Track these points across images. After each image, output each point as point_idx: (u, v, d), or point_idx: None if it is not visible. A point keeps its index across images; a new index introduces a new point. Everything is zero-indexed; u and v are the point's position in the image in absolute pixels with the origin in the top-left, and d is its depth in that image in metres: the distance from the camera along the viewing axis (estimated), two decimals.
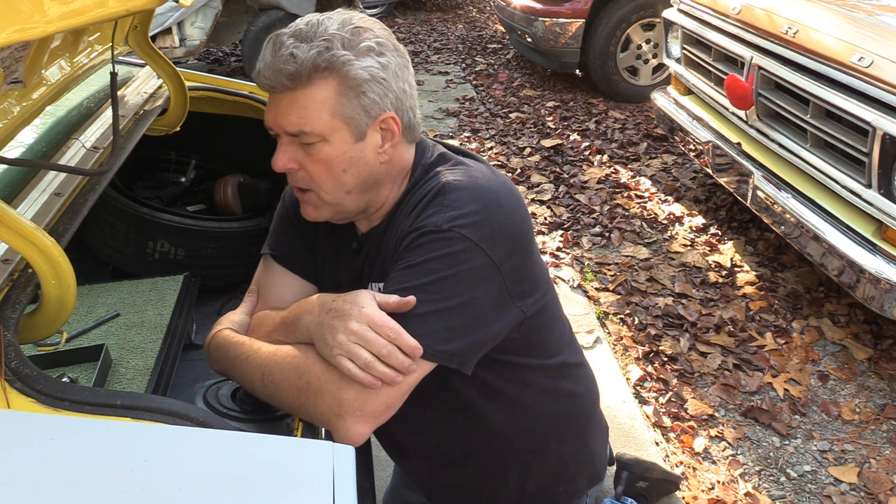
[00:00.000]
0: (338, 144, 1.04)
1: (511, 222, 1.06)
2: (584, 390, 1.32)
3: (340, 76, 1.02)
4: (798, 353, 2.58)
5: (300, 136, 1.04)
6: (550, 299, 1.20)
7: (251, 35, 5.39)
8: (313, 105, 1.02)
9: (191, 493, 0.75)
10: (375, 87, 1.04)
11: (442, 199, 1.04)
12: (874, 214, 2.25)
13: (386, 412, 0.99)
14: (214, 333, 1.16)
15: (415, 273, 1.00)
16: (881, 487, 2.04)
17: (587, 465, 1.33)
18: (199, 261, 1.94)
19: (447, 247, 1.00)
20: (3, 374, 0.89)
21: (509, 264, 1.05)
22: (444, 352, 1.00)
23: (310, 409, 0.99)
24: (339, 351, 0.94)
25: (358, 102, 1.03)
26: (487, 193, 1.05)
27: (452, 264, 1.00)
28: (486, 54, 7.03)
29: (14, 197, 1.29)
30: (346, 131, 1.04)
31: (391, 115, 1.07)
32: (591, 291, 3.03)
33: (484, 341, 1.06)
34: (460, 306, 1.00)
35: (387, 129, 1.08)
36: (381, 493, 1.62)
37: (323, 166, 1.05)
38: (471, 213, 1.02)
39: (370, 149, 1.07)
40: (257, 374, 1.05)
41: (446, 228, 1.00)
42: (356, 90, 1.03)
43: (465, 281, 1.01)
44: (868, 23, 2.46)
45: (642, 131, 4.71)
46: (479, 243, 1.01)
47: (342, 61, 1.01)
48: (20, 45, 1.15)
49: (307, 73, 1.00)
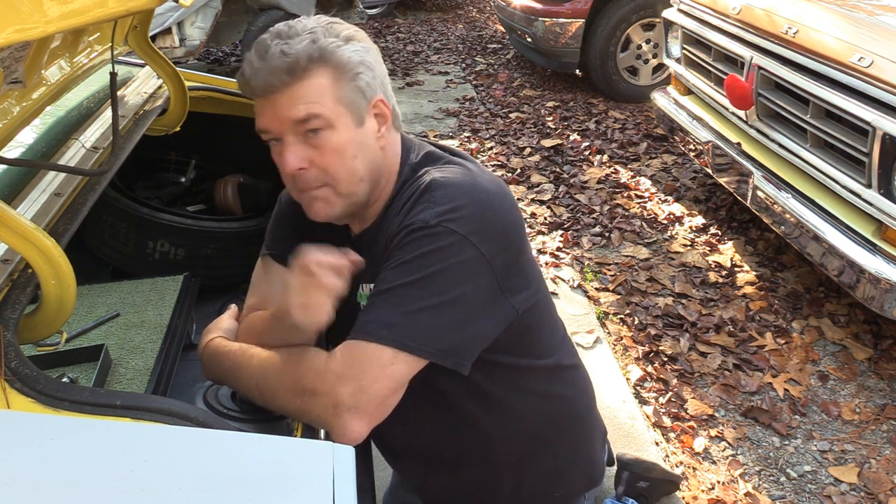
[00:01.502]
0: (343, 131, 1.05)
1: (501, 217, 1.06)
2: (577, 393, 1.31)
3: (332, 63, 1.04)
4: (798, 353, 2.58)
5: (308, 122, 1.03)
6: (542, 298, 1.20)
7: (251, 35, 5.39)
8: (315, 92, 1.03)
9: (191, 493, 0.75)
10: (365, 70, 1.07)
11: (430, 195, 1.05)
12: (874, 214, 2.25)
13: (381, 408, 0.99)
14: (206, 343, 1.16)
15: (405, 270, 1.01)
16: (881, 487, 2.04)
17: (583, 468, 1.32)
18: (199, 261, 1.94)
19: (436, 242, 1.00)
20: (3, 374, 0.89)
21: (500, 259, 1.05)
22: (437, 349, 1.00)
23: (307, 411, 1.00)
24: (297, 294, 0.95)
25: (354, 85, 1.06)
26: (476, 189, 1.06)
27: (441, 259, 1.00)
28: (486, 54, 7.02)
29: (14, 197, 1.29)
30: (349, 117, 1.06)
31: (381, 99, 1.10)
32: (591, 291, 3.03)
33: (477, 337, 1.06)
34: (451, 301, 1.00)
35: (379, 114, 1.11)
36: (380, 493, 1.62)
37: (335, 156, 1.06)
38: (459, 207, 1.02)
39: (370, 134, 1.09)
40: (252, 382, 1.06)
41: (434, 224, 1.01)
42: (351, 73, 1.05)
43: (456, 275, 1.01)
44: (868, 23, 2.46)
45: (642, 131, 4.71)
46: (468, 237, 1.01)
47: (331, 49, 1.04)
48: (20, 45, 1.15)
49: (304, 64, 1.02)
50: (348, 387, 0.96)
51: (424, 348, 0.99)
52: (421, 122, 5.13)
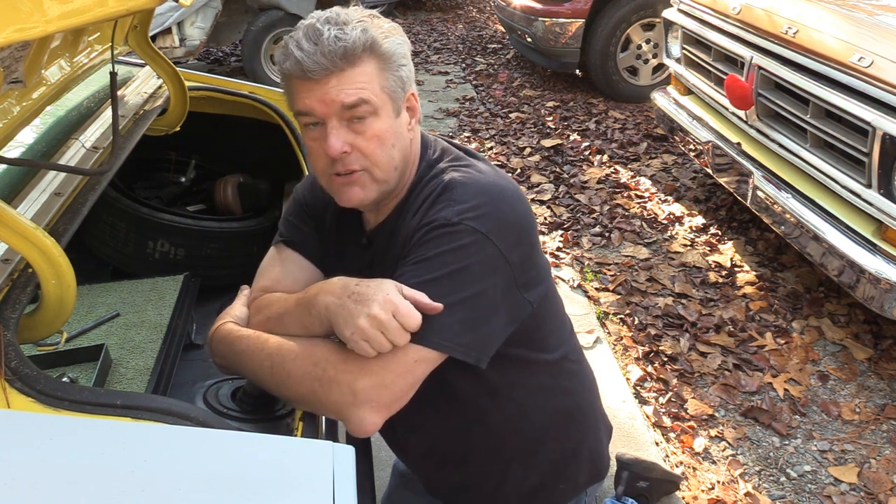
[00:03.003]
0: (385, 119, 1.08)
1: (516, 214, 1.09)
2: (583, 387, 1.33)
3: (380, 53, 1.07)
4: (798, 353, 2.58)
5: (357, 108, 1.05)
6: (552, 292, 1.23)
7: (251, 35, 5.39)
8: (364, 78, 1.06)
9: (191, 493, 0.74)
10: (405, 63, 1.11)
11: (450, 194, 1.07)
12: (874, 214, 2.25)
13: (398, 402, 1.00)
14: (217, 327, 1.16)
15: (427, 267, 1.02)
16: (881, 487, 2.04)
17: (587, 462, 1.33)
18: (199, 261, 1.94)
19: (458, 240, 1.02)
20: (3, 374, 0.89)
21: (516, 255, 1.07)
22: (458, 344, 1.01)
23: (322, 398, 1.00)
24: (358, 335, 0.95)
25: (398, 76, 1.10)
26: (492, 188, 1.09)
27: (463, 257, 1.02)
28: (486, 54, 7.02)
29: (14, 197, 1.29)
30: (390, 106, 1.09)
31: (413, 93, 1.14)
32: (591, 291, 3.03)
33: (496, 332, 1.07)
34: (472, 297, 1.02)
35: (411, 107, 1.15)
36: (380, 492, 1.62)
37: (377, 142, 1.08)
38: (479, 205, 1.05)
39: (404, 125, 1.13)
40: (266, 363, 1.05)
41: (456, 221, 1.03)
42: (395, 64, 1.09)
43: (476, 272, 1.03)
44: (868, 23, 2.45)
45: (642, 131, 4.71)
46: (488, 235, 1.03)
47: (380, 40, 1.07)
48: (20, 45, 1.15)
49: (358, 51, 1.04)
50: (370, 379, 0.97)
51: (447, 344, 1.00)
52: (421, 122, 5.12)
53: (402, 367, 0.98)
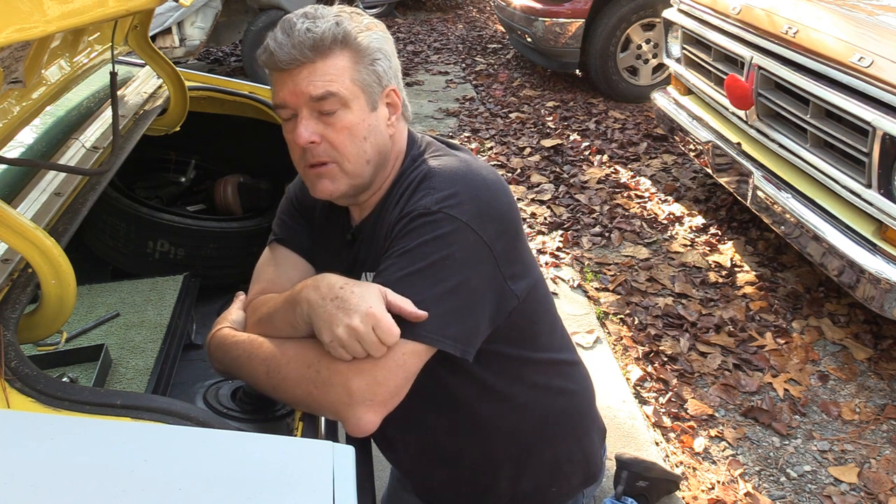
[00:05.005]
0: (357, 112, 1.08)
1: (498, 202, 1.08)
2: (577, 389, 1.32)
3: (353, 47, 1.08)
4: (798, 353, 2.58)
5: (325, 100, 1.06)
6: (542, 290, 1.22)
7: (251, 35, 5.39)
8: (335, 71, 1.06)
9: (191, 493, 0.74)
10: (383, 58, 1.11)
11: (429, 182, 1.07)
12: (874, 214, 2.25)
13: (394, 398, 0.99)
14: (214, 333, 1.16)
15: (409, 259, 1.02)
16: (881, 487, 2.04)
17: (581, 464, 1.33)
18: (199, 261, 1.94)
19: (438, 229, 1.02)
20: (3, 374, 0.89)
21: (500, 244, 1.06)
22: (445, 336, 1.01)
23: (318, 399, 0.99)
24: (336, 343, 0.95)
25: (372, 70, 1.09)
26: (472, 176, 1.08)
27: (444, 246, 1.01)
28: (486, 54, 7.02)
29: (14, 197, 1.29)
30: (364, 99, 1.09)
31: (393, 88, 1.14)
32: (591, 291, 3.03)
33: (481, 323, 1.06)
34: (455, 287, 1.01)
35: (391, 103, 1.14)
36: (380, 492, 1.62)
37: (346, 134, 1.08)
38: (457, 193, 1.04)
39: (381, 120, 1.12)
40: (262, 368, 1.05)
41: (435, 210, 1.02)
42: (369, 58, 1.09)
43: (459, 261, 1.02)
44: (868, 23, 2.46)
45: (642, 131, 4.71)
46: (468, 223, 1.02)
47: (354, 33, 1.08)
48: (20, 45, 1.15)
49: (328, 43, 1.05)
50: (364, 378, 0.97)
51: (434, 336, 1.00)
52: (421, 122, 5.13)
53: (393, 362, 0.98)
